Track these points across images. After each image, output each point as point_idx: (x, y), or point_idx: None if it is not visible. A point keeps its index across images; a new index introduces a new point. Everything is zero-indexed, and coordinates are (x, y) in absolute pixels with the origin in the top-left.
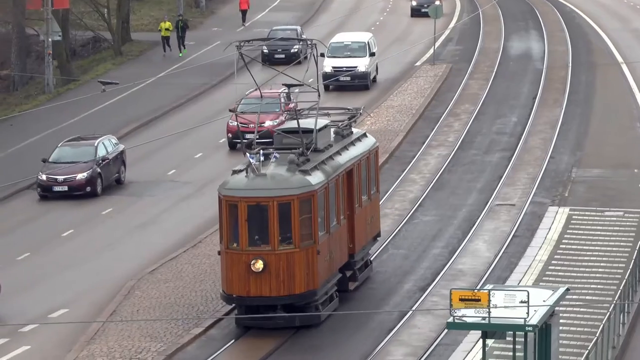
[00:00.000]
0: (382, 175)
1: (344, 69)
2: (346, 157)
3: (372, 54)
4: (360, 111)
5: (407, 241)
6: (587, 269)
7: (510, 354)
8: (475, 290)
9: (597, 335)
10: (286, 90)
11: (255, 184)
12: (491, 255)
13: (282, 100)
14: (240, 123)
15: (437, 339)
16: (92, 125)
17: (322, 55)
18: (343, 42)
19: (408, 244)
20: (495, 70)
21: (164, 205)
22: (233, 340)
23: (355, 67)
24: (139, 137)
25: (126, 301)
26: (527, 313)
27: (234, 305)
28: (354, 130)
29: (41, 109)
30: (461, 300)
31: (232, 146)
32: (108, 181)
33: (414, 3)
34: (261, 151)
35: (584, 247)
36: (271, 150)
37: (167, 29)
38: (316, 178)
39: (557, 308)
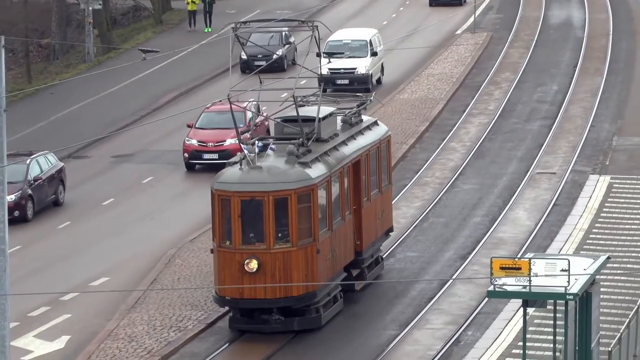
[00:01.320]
0: (422, 143)
1: (342, 70)
2: (353, 148)
3: (374, 54)
4: (371, 98)
5: (448, 209)
6: (627, 237)
7: (551, 322)
8: (516, 259)
9: (638, 303)
10: (255, 102)
11: (249, 178)
12: (532, 223)
13: (250, 114)
14: (198, 141)
15: (477, 307)
16: (132, 93)
17: (319, 55)
18: (342, 40)
19: (448, 212)
20: (535, 38)
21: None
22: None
23: (355, 68)
24: (179, 106)
25: (167, 269)
26: (568, 281)
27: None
28: (365, 118)
29: (81, 77)
30: (502, 268)
31: (190, 167)
32: (43, 204)
33: None
34: (257, 142)
35: (625, 216)
36: (270, 140)
37: (193, 2)
38: (317, 171)
39: (597, 276)
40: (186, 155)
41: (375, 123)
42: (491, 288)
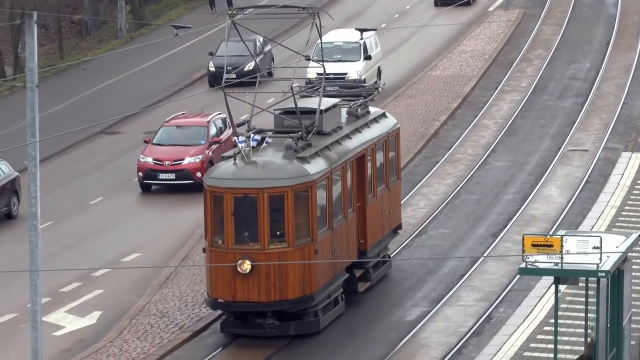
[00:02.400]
0: (455, 120)
1: (332, 76)
2: (358, 141)
3: (367, 57)
4: (379, 88)
5: (480, 186)
6: None
7: (583, 300)
8: (548, 236)
9: None
10: (222, 116)
11: (243, 173)
12: (564, 200)
13: (214, 128)
14: (154, 159)
15: (509, 284)
16: (164, 69)
17: (308, 58)
18: (333, 42)
19: (480, 190)
20: (568, 15)
21: None
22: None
23: (345, 74)
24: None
25: (198, 246)
26: (600, 259)
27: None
28: (373, 109)
29: (114, 53)
30: (533, 245)
31: (145, 188)
32: None
33: None
34: (252, 135)
35: None
36: (268, 133)
37: None
38: (316, 166)
39: (629, 254)
40: (140, 174)
41: (383, 115)
42: (523, 265)
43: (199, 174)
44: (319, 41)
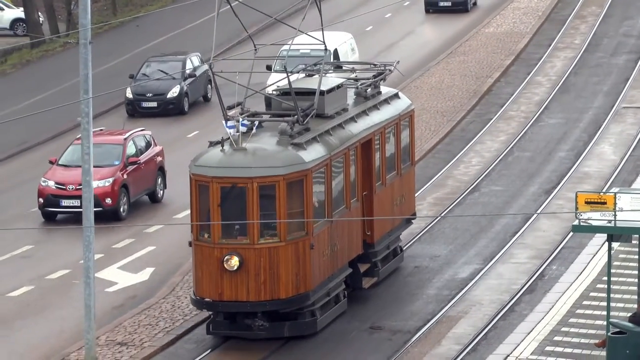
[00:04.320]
0: (508, 77)
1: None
2: (364, 125)
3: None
4: (392, 67)
5: (533, 143)
6: None
7: (636, 257)
8: (601, 193)
9: None
10: (147, 133)
11: (231, 161)
12: (617, 158)
13: (131, 147)
14: (56, 184)
15: (562, 242)
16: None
17: (269, 68)
18: (299, 50)
19: (534, 147)
20: None
21: None
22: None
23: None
24: (266, 38)
25: None
26: None
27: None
28: (385, 89)
29: (167, 9)
30: (587, 203)
31: (48, 217)
32: None
33: None
34: (240, 119)
35: None
36: (262, 117)
37: None
38: (313, 153)
39: None
40: (41, 200)
41: (395, 96)
42: (576, 222)
43: (108, 200)
44: (284, 47)
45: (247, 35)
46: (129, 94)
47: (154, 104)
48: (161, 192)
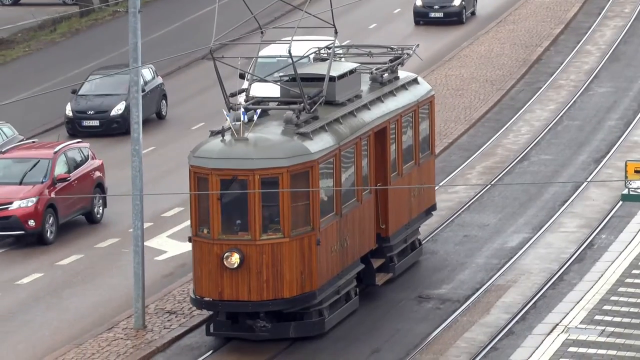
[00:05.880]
0: (557, 46)
1: (269, 103)
2: (378, 112)
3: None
4: (410, 52)
5: (582, 112)
6: None
7: None
8: None
9: None
10: (83, 145)
11: (231, 152)
12: None
13: (62, 165)
14: None
15: (611, 211)
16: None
17: (242, 76)
18: (275, 57)
19: (583, 116)
20: None
21: None
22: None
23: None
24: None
25: None
26: None
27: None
28: (403, 74)
29: None
30: (636, 172)
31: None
32: None
33: (419, 2)
34: (242, 108)
35: None
36: (268, 105)
37: None
38: (320, 143)
39: None
40: None
41: (414, 81)
42: (625, 191)
43: (31, 222)
44: (260, 54)
45: (251, 25)
46: (69, 112)
47: (97, 123)
48: (100, 211)
